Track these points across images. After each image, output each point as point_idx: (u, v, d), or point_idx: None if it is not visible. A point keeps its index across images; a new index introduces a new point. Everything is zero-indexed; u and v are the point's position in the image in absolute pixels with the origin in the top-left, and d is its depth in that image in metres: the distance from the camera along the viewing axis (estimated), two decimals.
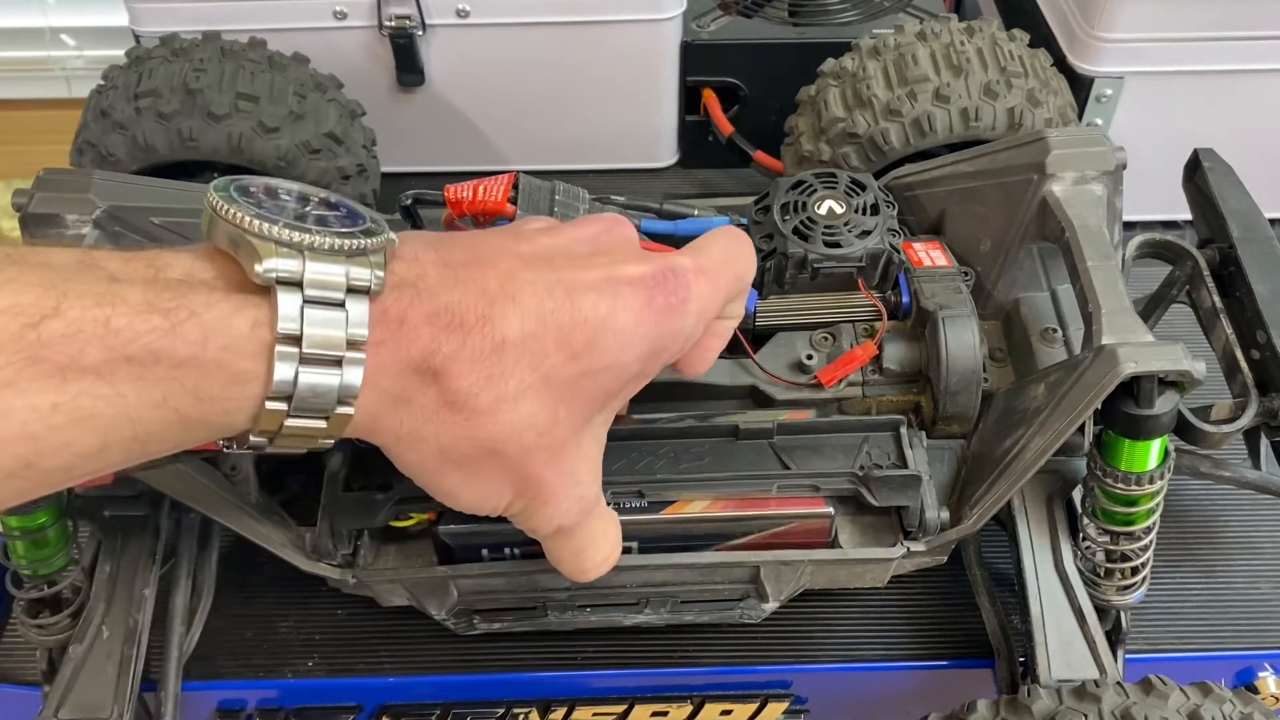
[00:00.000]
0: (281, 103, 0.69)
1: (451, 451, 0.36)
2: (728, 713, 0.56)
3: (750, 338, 0.52)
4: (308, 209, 0.34)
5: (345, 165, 0.72)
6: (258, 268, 0.32)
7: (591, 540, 0.41)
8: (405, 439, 0.36)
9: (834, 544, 0.50)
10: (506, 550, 0.49)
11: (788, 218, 0.53)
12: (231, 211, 0.32)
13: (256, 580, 0.58)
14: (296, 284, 0.32)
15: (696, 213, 0.56)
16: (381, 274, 0.33)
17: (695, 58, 0.81)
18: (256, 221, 0.32)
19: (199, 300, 0.31)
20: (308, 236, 0.33)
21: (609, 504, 0.42)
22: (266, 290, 0.32)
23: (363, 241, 0.33)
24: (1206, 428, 0.50)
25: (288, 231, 0.32)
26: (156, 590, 0.52)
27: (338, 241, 0.33)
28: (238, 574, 0.57)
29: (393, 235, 0.35)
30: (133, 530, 0.53)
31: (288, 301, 0.32)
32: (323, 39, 0.77)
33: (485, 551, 0.49)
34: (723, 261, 0.41)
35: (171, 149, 0.67)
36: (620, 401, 0.40)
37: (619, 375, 0.38)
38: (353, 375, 0.33)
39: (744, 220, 0.55)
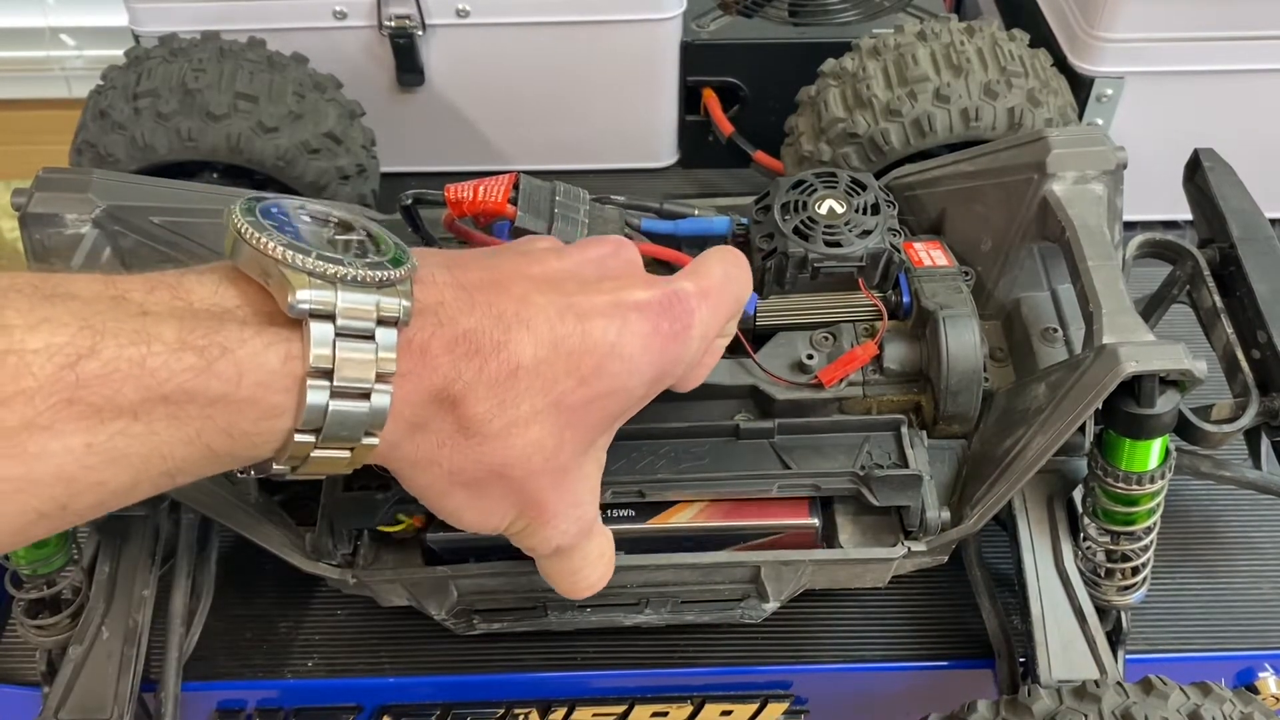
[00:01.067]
0: (280, 103, 0.69)
1: (460, 474, 0.36)
2: (728, 713, 0.56)
3: (750, 338, 0.52)
4: (328, 233, 0.34)
5: (345, 165, 0.72)
6: (291, 300, 0.31)
7: (586, 560, 0.42)
8: (419, 463, 0.36)
9: (834, 544, 0.50)
10: (494, 558, 0.49)
11: (788, 217, 0.53)
12: (261, 240, 0.32)
13: (256, 580, 0.58)
14: (328, 316, 0.32)
15: (696, 213, 0.56)
16: (409, 304, 0.33)
17: (695, 58, 0.81)
18: (289, 252, 0.31)
19: (231, 335, 0.31)
20: (340, 268, 0.32)
21: (607, 502, 0.42)
22: (296, 322, 0.32)
23: (391, 272, 0.33)
24: (1207, 427, 0.50)
25: (320, 263, 0.32)
26: (156, 591, 0.52)
27: (369, 273, 0.32)
28: (237, 574, 0.57)
29: (415, 261, 0.35)
30: (132, 530, 0.53)
31: (320, 334, 0.32)
32: (322, 39, 0.77)
33: (472, 559, 0.49)
34: (723, 284, 0.41)
35: (170, 149, 0.67)
36: (621, 423, 0.40)
37: (624, 400, 0.38)
38: (380, 405, 0.33)
39: (744, 220, 0.55)
